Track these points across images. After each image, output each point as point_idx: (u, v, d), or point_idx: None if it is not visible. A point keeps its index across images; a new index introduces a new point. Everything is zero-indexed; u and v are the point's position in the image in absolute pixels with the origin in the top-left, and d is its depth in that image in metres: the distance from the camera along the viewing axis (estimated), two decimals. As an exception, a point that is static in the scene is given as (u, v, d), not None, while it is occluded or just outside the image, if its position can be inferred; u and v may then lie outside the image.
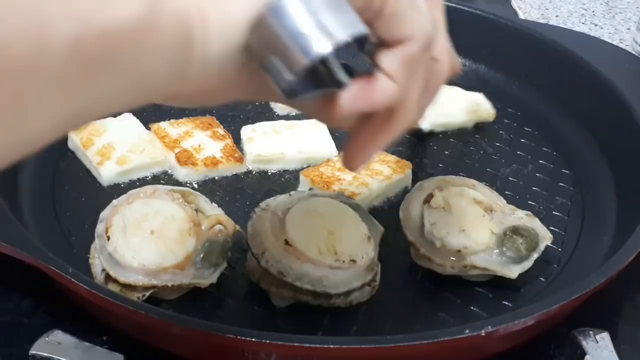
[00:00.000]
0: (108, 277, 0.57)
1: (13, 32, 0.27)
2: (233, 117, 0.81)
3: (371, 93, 0.39)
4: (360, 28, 0.36)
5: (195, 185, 0.72)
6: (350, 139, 0.45)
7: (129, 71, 0.32)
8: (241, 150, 0.76)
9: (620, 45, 1.03)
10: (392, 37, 0.39)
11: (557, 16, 1.13)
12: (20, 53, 0.27)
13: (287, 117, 0.81)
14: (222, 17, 0.34)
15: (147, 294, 0.56)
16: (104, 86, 0.31)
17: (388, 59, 0.39)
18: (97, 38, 0.29)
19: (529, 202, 0.72)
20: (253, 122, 0.78)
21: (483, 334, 0.49)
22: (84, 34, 0.29)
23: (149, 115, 0.79)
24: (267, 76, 0.37)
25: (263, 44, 0.36)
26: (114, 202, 0.62)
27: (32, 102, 0.29)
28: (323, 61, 0.36)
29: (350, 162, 0.45)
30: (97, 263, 0.59)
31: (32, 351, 0.51)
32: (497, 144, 0.80)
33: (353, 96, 0.39)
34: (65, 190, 0.70)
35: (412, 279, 0.63)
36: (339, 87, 0.39)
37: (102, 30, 0.29)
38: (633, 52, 0.98)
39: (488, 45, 0.90)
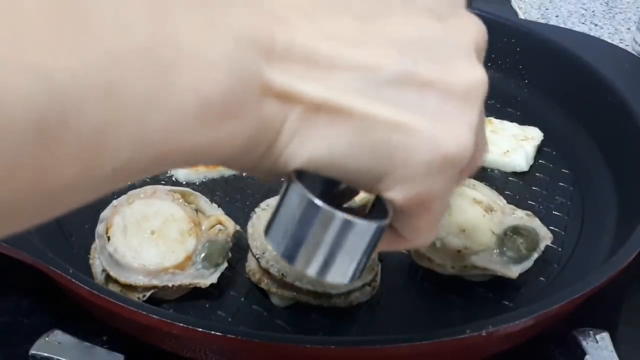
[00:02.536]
0: (108, 278, 0.57)
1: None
2: (233, 117, 0.81)
3: None
4: (343, 281, 0.37)
5: (195, 185, 0.72)
6: None
7: None
8: (241, 150, 0.76)
9: (620, 45, 1.03)
10: (397, 229, 0.39)
11: (557, 16, 1.13)
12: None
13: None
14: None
15: (148, 294, 0.57)
16: None
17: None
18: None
19: (529, 202, 0.72)
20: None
21: (484, 334, 0.49)
22: None
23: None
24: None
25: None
26: (114, 202, 0.62)
27: None
28: None
29: None
30: (98, 263, 0.59)
31: (32, 351, 0.51)
32: (497, 144, 0.80)
33: None
34: (65, 190, 0.70)
35: (412, 279, 0.63)
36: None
37: None
38: (633, 52, 0.98)
39: (488, 45, 0.90)
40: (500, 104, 0.86)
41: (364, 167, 0.35)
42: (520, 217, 0.63)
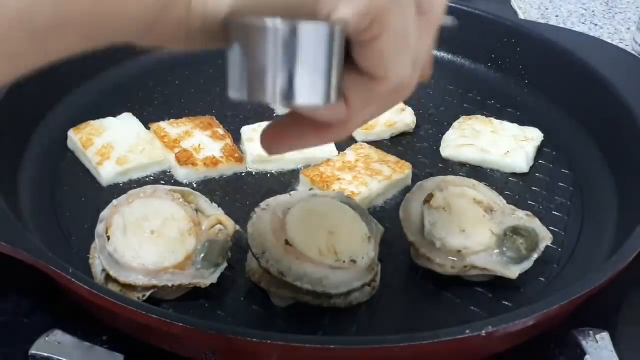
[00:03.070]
0: (108, 277, 0.57)
1: None
2: (233, 117, 0.81)
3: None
4: (316, 100, 0.36)
5: (195, 185, 0.72)
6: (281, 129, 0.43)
7: None
8: (241, 150, 0.76)
9: (620, 45, 1.03)
10: (366, 69, 0.37)
11: (557, 16, 1.13)
12: None
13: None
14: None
15: (148, 294, 0.56)
16: None
17: (352, 87, 0.38)
18: None
19: (529, 202, 0.72)
20: (253, 122, 0.78)
21: (484, 334, 0.49)
22: None
23: (149, 115, 0.79)
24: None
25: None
26: (114, 202, 0.62)
27: None
28: None
29: (273, 148, 0.43)
30: (98, 263, 0.59)
31: (32, 351, 0.51)
32: (497, 144, 0.80)
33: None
34: (65, 190, 0.70)
35: (412, 279, 0.63)
36: None
37: None
38: (633, 52, 0.98)
39: (488, 45, 0.90)
40: (500, 104, 0.86)
41: None
42: (520, 217, 0.63)
